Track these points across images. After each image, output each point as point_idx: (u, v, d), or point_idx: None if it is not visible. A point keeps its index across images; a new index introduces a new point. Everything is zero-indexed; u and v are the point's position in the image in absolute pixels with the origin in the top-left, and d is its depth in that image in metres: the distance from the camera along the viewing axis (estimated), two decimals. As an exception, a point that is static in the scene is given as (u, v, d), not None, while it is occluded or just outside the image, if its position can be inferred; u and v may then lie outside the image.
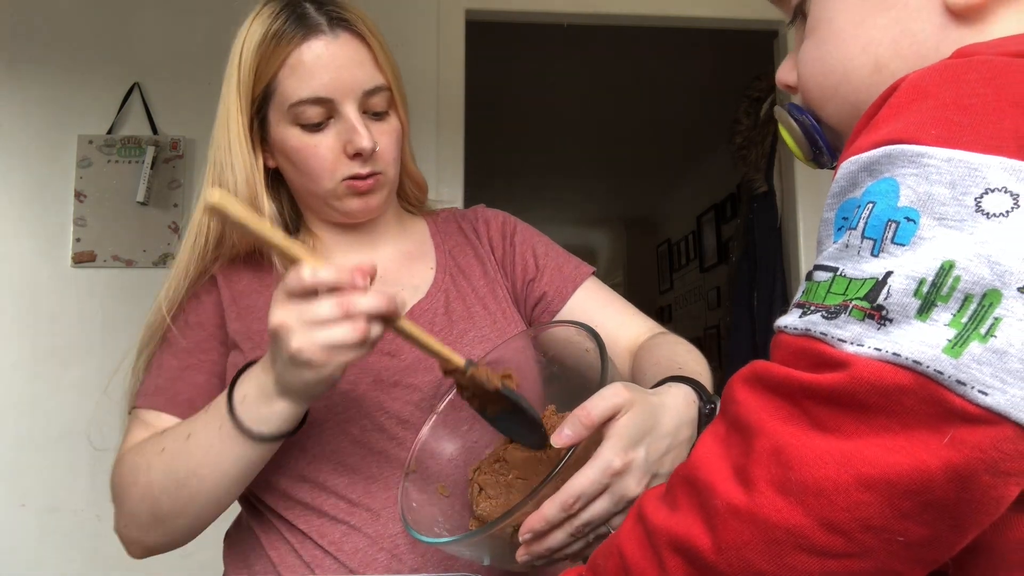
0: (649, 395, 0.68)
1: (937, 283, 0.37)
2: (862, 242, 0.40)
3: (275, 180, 0.94)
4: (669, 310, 5.47)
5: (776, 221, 2.81)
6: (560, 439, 0.63)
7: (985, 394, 0.36)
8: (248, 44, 0.86)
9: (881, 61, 0.50)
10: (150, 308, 0.92)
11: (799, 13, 0.56)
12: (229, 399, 0.76)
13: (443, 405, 0.83)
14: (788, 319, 0.42)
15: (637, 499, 0.52)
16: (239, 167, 0.87)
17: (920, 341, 0.37)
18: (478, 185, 2.60)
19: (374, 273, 0.68)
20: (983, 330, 0.36)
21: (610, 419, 0.64)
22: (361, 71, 0.86)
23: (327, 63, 0.84)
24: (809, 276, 0.43)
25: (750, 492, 0.39)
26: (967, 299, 0.36)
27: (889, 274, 0.38)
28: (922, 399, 0.36)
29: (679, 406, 0.70)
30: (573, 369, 0.80)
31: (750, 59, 2.90)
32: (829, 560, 0.38)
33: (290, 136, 0.87)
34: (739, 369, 0.44)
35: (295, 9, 0.86)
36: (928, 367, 0.36)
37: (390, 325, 0.69)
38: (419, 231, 1.03)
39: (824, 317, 0.40)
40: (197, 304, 0.92)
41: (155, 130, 2.30)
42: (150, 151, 2.24)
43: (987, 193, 0.37)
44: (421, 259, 0.99)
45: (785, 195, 2.72)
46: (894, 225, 0.39)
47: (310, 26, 0.85)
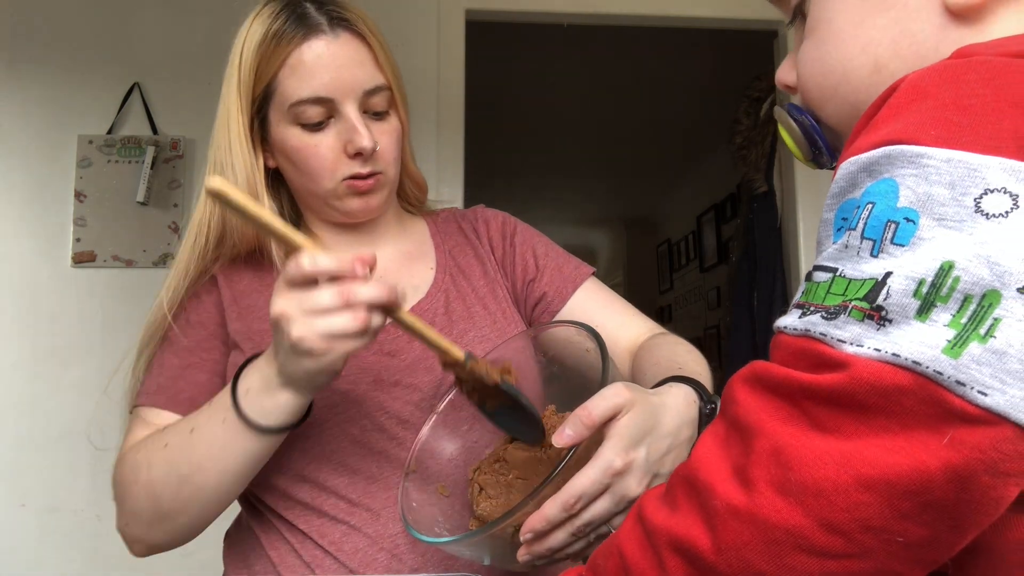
0: (650, 395, 0.68)
1: (936, 284, 0.37)
2: (861, 242, 0.40)
3: (275, 180, 0.94)
4: (669, 310, 5.47)
5: (776, 221, 2.81)
6: (561, 439, 0.63)
7: (984, 394, 0.36)
8: (248, 44, 0.86)
9: (880, 61, 0.50)
10: (150, 308, 0.92)
11: (799, 13, 0.56)
12: (233, 392, 0.76)
13: (443, 405, 0.83)
14: (787, 320, 0.42)
15: (637, 499, 0.52)
16: (239, 167, 0.87)
17: (919, 342, 0.37)
18: (478, 185, 2.60)
19: (374, 263, 0.68)
20: (982, 331, 0.36)
21: (611, 419, 0.64)
22: (361, 71, 0.86)
23: (328, 63, 0.84)
24: (808, 277, 0.43)
25: (750, 492, 0.39)
26: (966, 299, 0.36)
27: (888, 275, 0.38)
28: (921, 400, 0.36)
29: (680, 406, 0.70)
30: (573, 369, 0.80)
31: (750, 59, 2.90)
32: (829, 560, 0.38)
33: (290, 136, 0.87)
34: (739, 369, 0.44)
35: (295, 9, 0.86)
36: (927, 368, 0.36)
37: (390, 316, 0.69)
38: (419, 231, 1.03)
39: (824, 318, 0.40)
40: (198, 303, 0.92)
41: (155, 130, 2.30)
42: (150, 151, 2.24)
43: (986, 193, 0.37)
44: (421, 259, 0.99)
45: (785, 195, 2.72)
46: (893, 225, 0.39)
47: (311, 26, 0.85)
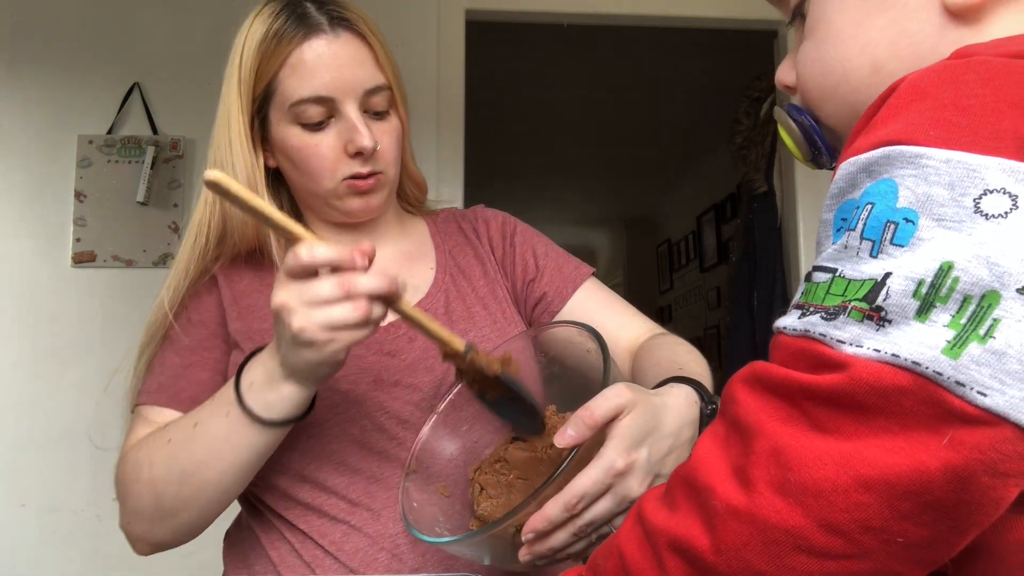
0: (651, 396, 0.68)
1: (936, 284, 0.37)
2: (861, 243, 0.40)
3: (275, 180, 0.94)
4: (669, 310, 5.47)
5: (776, 221, 2.81)
6: (563, 439, 0.63)
7: (984, 395, 0.36)
8: (249, 43, 0.86)
9: (879, 62, 0.50)
10: (150, 309, 0.91)
11: (798, 13, 0.56)
12: (236, 386, 0.76)
13: (443, 405, 0.83)
14: (787, 320, 0.42)
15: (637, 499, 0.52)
16: (240, 166, 0.87)
17: (919, 342, 0.37)
18: (478, 185, 2.60)
19: (372, 254, 0.68)
20: (982, 331, 0.36)
21: (613, 419, 0.64)
22: (362, 70, 0.86)
23: (328, 62, 0.84)
24: (808, 277, 0.43)
25: (749, 493, 0.39)
26: (966, 300, 0.36)
27: (888, 275, 0.38)
28: (921, 400, 0.36)
29: (681, 407, 0.70)
30: (574, 369, 0.80)
31: (750, 59, 2.90)
32: (828, 561, 0.38)
33: (291, 135, 0.87)
34: (739, 369, 0.44)
35: (296, 8, 0.86)
36: (927, 368, 0.36)
37: (391, 307, 0.69)
38: (419, 231, 1.03)
39: (823, 318, 0.40)
40: (199, 302, 0.92)
41: (155, 130, 2.30)
42: (150, 151, 2.24)
43: (986, 194, 0.37)
44: (421, 259, 0.99)
45: (785, 195, 2.72)
46: (893, 226, 0.39)
47: (311, 25, 0.85)
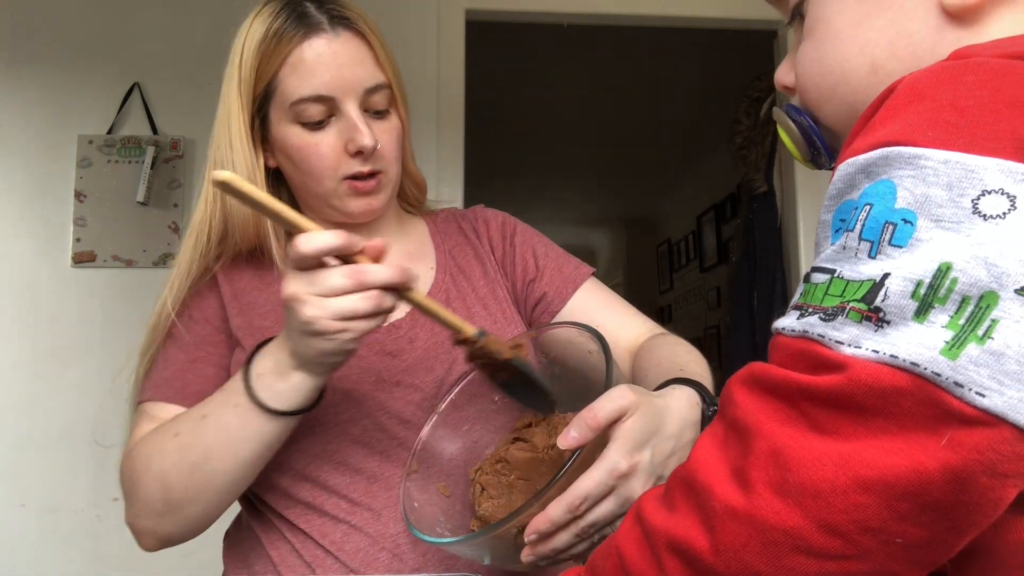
0: (654, 397, 0.68)
1: (934, 285, 0.37)
2: (859, 244, 0.40)
3: (275, 180, 0.94)
4: (669, 310, 5.47)
5: (776, 221, 2.81)
6: (566, 441, 0.63)
7: (982, 396, 0.36)
8: (249, 43, 0.86)
9: (878, 62, 0.50)
10: (151, 310, 0.91)
11: (797, 14, 0.56)
12: (245, 376, 0.76)
13: (444, 405, 0.83)
14: (786, 321, 0.42)
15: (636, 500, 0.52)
16: (240, 166, 0.87)
17: (917, 343, 0.37)
18: (478, 185, 2.60)
19: (383, 250, 0.69)
20: (980, 332, 0.36)
21: (616, 421, 0.64)
22: (362, 69, 0.86)
23: (328, 61, 0.84)
24: (807, 278, 0.43)
25: (748, 494, 0.39)
26: (964, 301, 0.36)
27: (886, 276, 0.38)
28: (920, 401, 0.36)
29: (683, 408, 0.70)
30: (575, 370, 0.80)
31: (750, 59, 2.90)
32: (827, 562, 0.38)
33: (291, 134, 0.87)
34: (739, 370, 0.44)
35: (296, 8, 0.86)
36: (926, 369, 0.36)
37: (402, 296, 0.70)
38: (419, 231, 1.03)
39: (822, 319, 0.40)
40: (201, 300, 0.92)
41: (155, 130, 2.30)
42: (150, 151, 2.24)
43: (984, 195, 0.37)
44: (421, 259, 0.99)
45: (785, 195, 2.72)
46: (891, 227, 0.39)
47: (311, 24, 0.85)
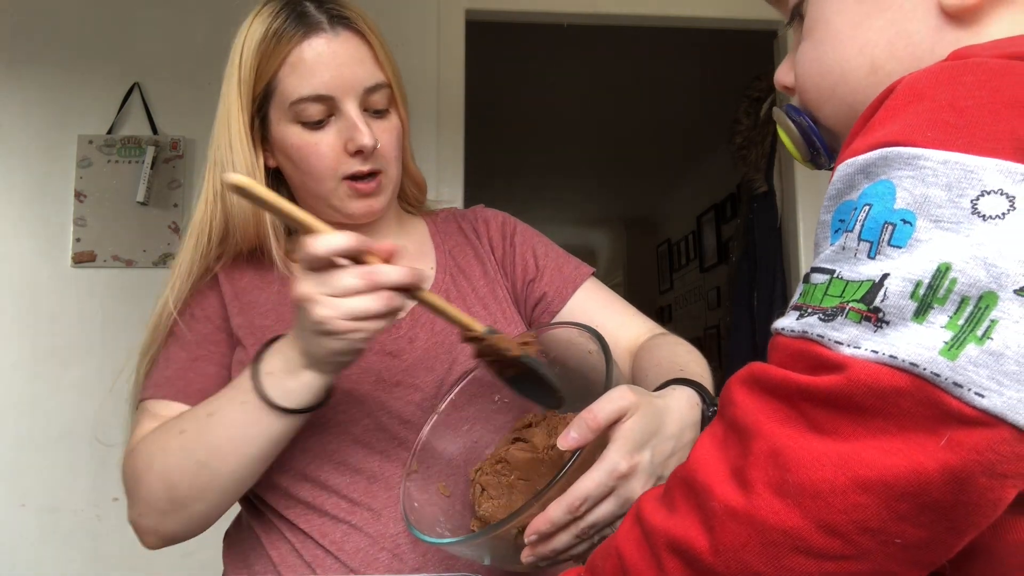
0: (654, 398, 0.68)
1: (933, 285, 0.37)
2: (859, 244, 0.40)
3: (275, 181, 0.94)
4: (669, 310, 5.47)
5: (776, 221, 2.81)
6: (566, 441, 0.63)
7: (982, 396, 0.36)
8: (249, 42, 0.86)
9: (877, 63, 0.50)
10: (152, 311, 0.91)
11: (797, 14, 0.56)
12: (255, 374, 0.76)
13: (444, 405, 0.83)
14: (785, 321, 0.42)
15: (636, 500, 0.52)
16: (240, 165, 0.87)
17: (917, 343, 0.37)
18: (478, 185, 2.60)
19: (396, 253, 0.70)
20: (979, 332, 0.36)
21: (616, 422, 0.64)
22: (362, 68, 0.86)
23: (328, 60, 0.85)
24: (806, 278, 0.43)
25: (747, 494, 0.39)
26: (963, 301, 0.36)
27: (886, 276, 0.38)
28: (919, 401, 0.36)
29: (683, 409, 0.70)
30: (575, 371, 0.80)
31: (750, 59, 2.90)
32: (826, 562, 0.38)
33: (291, 134, 0.87)
34: (739, 370, 0.44)
35: (295, 7, 0.86)
36: (925, 369, 0.36)
37: (412, 296, 0.71)
38: (419, 231, 1.03)
39: (821, 319, 0.40)
40: (202, 299, 0.92)
41: (155, 130, 2.30)
42: (150, 151, 2.24)
43: (983, 195, 0.37)
44: (421, 259, 0.99)
45: (785, 195, 2.72)
46: (890, 227, 0.39)
47: (311, 24, 0.85)
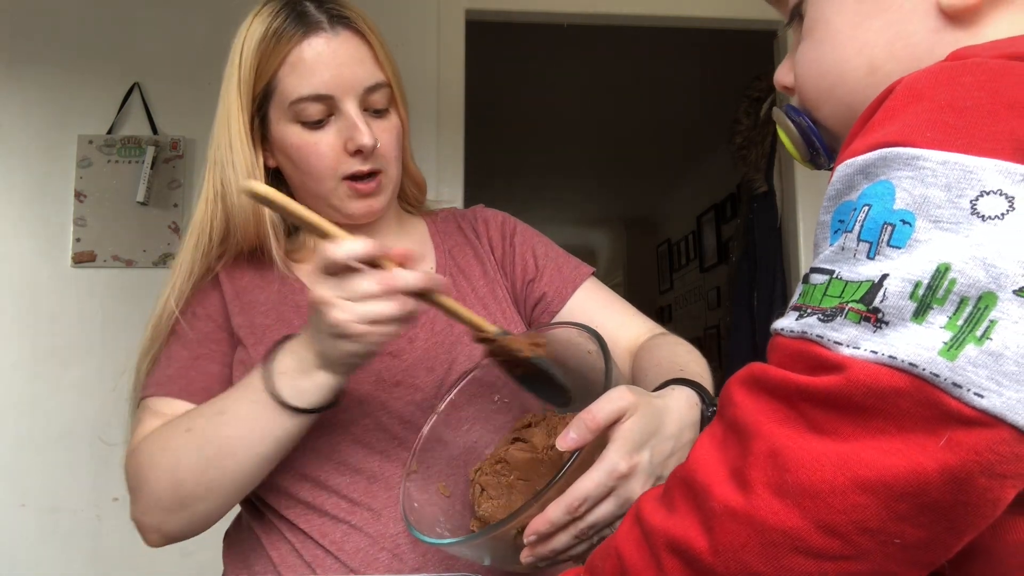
0: (653, 398, 0.68)
1: (933, 286, 0.37)
2: (858, 245, 0.40)
3: (275, 181, 0.94)
4: (669, 310, 5.47)
5: (776, 221, 2.81)
6: (565, 442, 0.63)
7: (981, 396, 0.36)
8: (248, 42, 0.86)
9: (876, 63, 0.50)
10: (152, 311, 0.91)
11: (796, 14, 0.56)
12: (267, 374, 0.77)
13: (444, 405, 0.83)
14: (784, 322, 0.42)
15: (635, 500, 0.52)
16: (240, 165, 0.87)
17: (916, 344, 0.37)
18: (478, 185, 2.60)
19: (410, 254, 0.71)
20: (979, 333, 0.36)
21: (615, 422, 0.64)
22: (362, 68, 0.87)
23: (328, 60, 0.85)
24: (806, 279, 0.43)
25: (747, 494, 0.39)
26: (963, 302, 0.36)
27: (885, 277, 0.38)
28: (918, 401, 0.36)
29: (682, 409, 0.70)
30: (575, 371, 0.80)
31: (750, 59, 2.90)
32: (825, 562, 0.38)
33: (290, 134, 0.87)
34: (739, 370, 0.44)
35: (295, 7, 0.86)
36: (924, 369, 0.36)
37: (427, 299, 0.72)
38: (418, 231, 1.03)
39: (820, 320, 0.40)
40: (203, 298, 0.93)
41: (155, 130, 2.30)
42: (150, 151, 2.24)
43: (982, 196, 0.37)
44: (421, 259, 0.99)
45: (785, 195, 2.72)
46: (890, 228, 0.39)
47: (310, 23, 0.85)
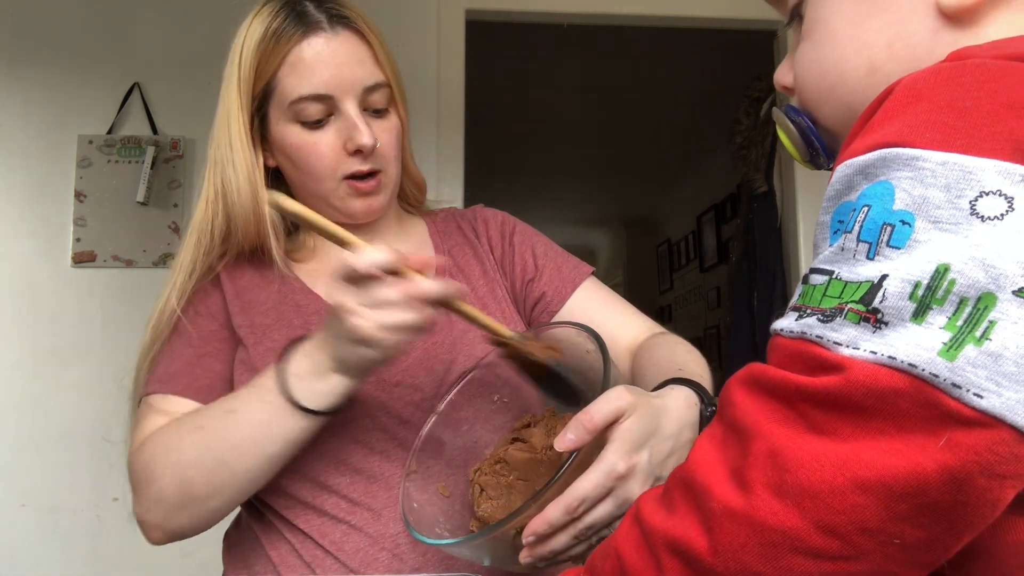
0: (651, 398, 0.68)
1: (932, 286, 0.37)
2: (857, 245, 0.40)
3: (275, 181, 0.94)
4: (669, 310, 5.47)
5: (776, 221, 2.81)
6: (563, 443, 0.63)
7: (980, 397, 0.36)
8: (248, 42, 0.86)
9: (876, 63, 0.50)
10: (152, 309, 0.91)
11: (796, 14, 0.56)
12: (281, 375, 0.77)
13: (444, 405, 0.83)
14: (784, 322, 0.42)
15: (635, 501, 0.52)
16: (240, 165, 0.87)
17: (915, 344, 0.37)
18: (478, 185, 2.59)
19: (431, 262, 0.72)
20: (978, 333, 0.36)
21: (613, 422, 0.64)
22: (361, 68, 0.87)
23: (327, 60, 0.85)
24: (805, 279, 0.43)
25: (746, 494, 0.39)
26: (962, 302, 0.36)
27: (884, 277, 0.38)
28: (917, 402, 0.36)
29: (681, 409, 0.70)
30: (574, 370, 0.80)
31: (750, 59, 2.90)
32: (825, 563, 0.38)
33: (290, 133, 0.87)
34: (739, 370, 0.44)
35: (295, 7, 0.87)
36: (923, 370, 0.36)
37: (446, 307, 0.73)
38: (418, 231, 1.03)
39: (820, 320, 0.40)
40: (205, 296, 0.93)
41: (155, 130, 2.30)
42: (150, 151, 2.24)
43: (982, 196, 0.37)
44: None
45: (785, 195, 2.72)
46: (889, 228, 0.39)
47: (310, 23, 0.85)
